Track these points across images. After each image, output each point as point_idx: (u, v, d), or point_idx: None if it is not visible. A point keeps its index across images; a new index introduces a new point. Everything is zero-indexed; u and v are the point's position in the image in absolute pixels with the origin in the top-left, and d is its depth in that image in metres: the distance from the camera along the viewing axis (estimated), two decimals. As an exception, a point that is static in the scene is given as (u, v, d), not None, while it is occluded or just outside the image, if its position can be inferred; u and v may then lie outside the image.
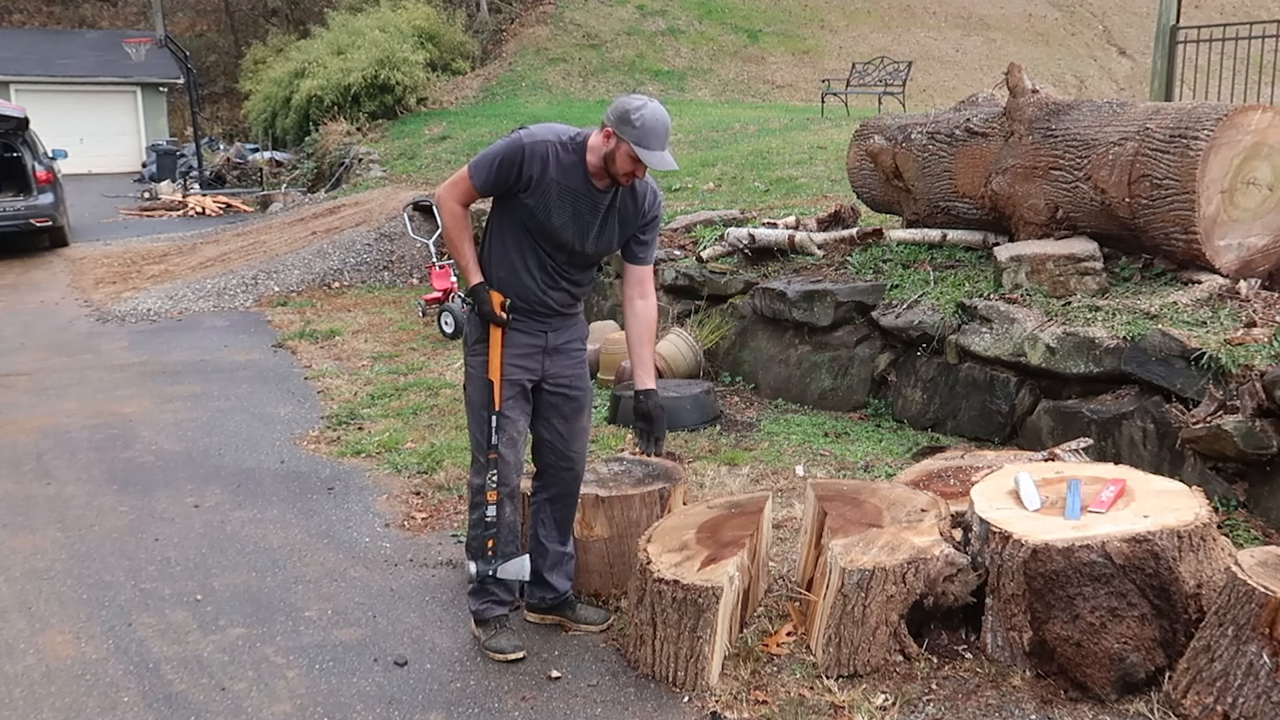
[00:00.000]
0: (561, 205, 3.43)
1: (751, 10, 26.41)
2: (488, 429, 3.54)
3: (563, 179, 3.41)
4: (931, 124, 6.71)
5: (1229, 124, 4.94)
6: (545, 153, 3.39)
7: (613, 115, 3.34)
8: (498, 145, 3.44)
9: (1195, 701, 3.05)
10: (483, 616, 3.68)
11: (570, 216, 3.46)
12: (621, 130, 3.31)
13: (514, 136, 3.42)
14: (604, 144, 3.37)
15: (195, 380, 7.67)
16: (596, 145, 3.40)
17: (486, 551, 3.59)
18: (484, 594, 3.66)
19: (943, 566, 3.38)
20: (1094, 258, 5.51)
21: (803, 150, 11.90)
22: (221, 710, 3.38)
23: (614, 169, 3.38)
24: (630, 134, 3.30)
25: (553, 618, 3.83)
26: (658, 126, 3.32)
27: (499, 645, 3.63)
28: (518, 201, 3.44)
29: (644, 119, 3.31)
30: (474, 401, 3.58)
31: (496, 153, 3.42)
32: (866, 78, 17.72)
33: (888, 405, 6.11)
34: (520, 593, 3.83)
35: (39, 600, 4.18)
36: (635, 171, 3.39)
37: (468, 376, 3.62)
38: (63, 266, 13.20)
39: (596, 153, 3.40)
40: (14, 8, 34.52)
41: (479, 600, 3.68)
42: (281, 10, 33.60)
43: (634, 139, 3.31)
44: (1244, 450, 4.22)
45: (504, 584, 3.64)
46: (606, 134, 3.35)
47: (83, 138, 26.96)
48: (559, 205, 3.43)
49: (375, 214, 13.22)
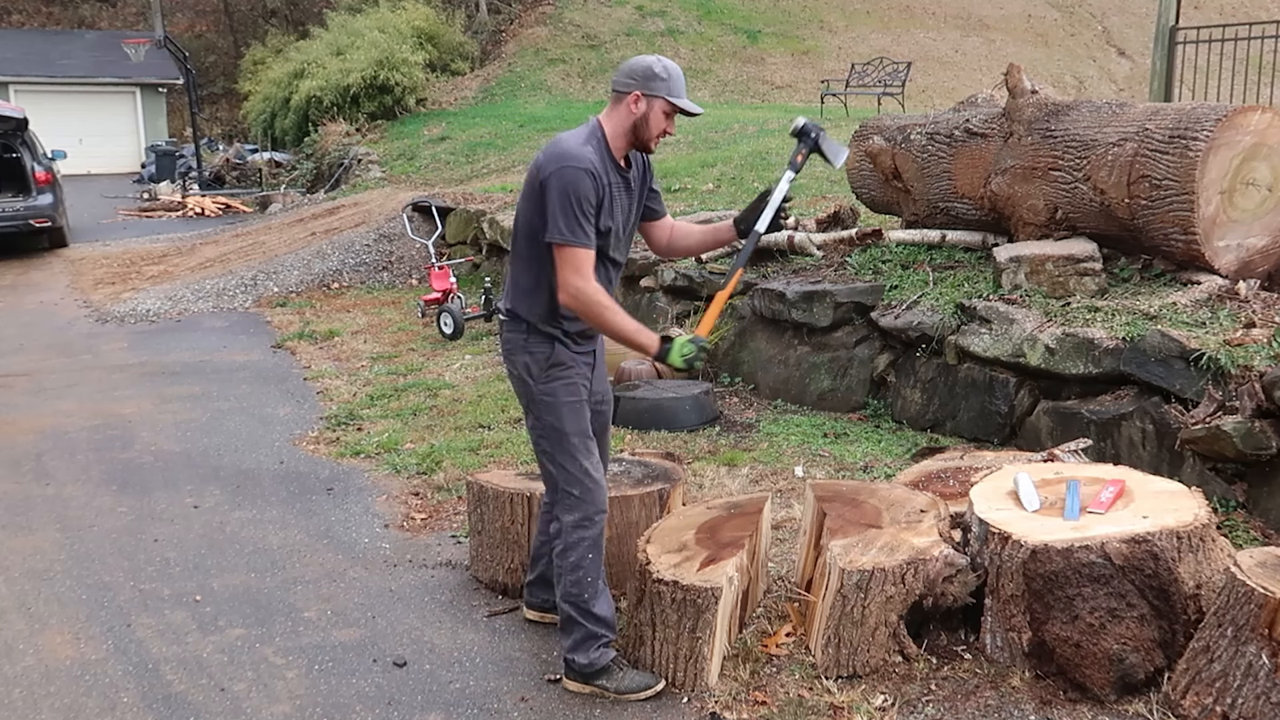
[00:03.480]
0: (613, 206, 3.26)
1: (751, 11, 26.42)
2: (580, 456, 3.30)
3: (610, 178, 3.23)
4: (931, 125, 6.72)
5: (1228, 125, 4.95)
6: (596, 162, 3.18)
7: (635, 77, 3.20)
8: (565, 191, 3.11)
9: (1194, 702, 3.05)
10: (600, 663, 3.34)
11: (621, 212, 3.31)
12: (652, 87, 3.18)
13: (568, 170, 3.12)
14: (631, 112, 3.20)
15: (194, 381, 7.67)
16: (620, 120, 3.23)
17: (589, 591, 3.33)
18: (594, 639, 3.35)
19: (942, 567, 3.38)
20: (1093, 258, 5.51)
21: (802, 151, 11.87)
22: (221, 711, 3.38)
23: (647, 133, 3.23)
24: (662, 87, 3.19)
25: (552, 616, 3.74)
26: (678, 73, 3.25)
27: (638, 683, 3.34)
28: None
29: (668, 69, 3.21)
30: (563, 430, 3.29)
31: (577, 198, 3.11)
32: (866, 78, 17.72)
33: (887, 406, 6.11)
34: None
35: (38, 601, 4.18)
36: (668, 128, 3.26)
37: (543, 408, 3.29)
38: (62, 267, 13.20)
39: (621, 128, 3.23)
40: (13, 8, 34.52)
41: (592, 648, 3.35)
42: (281, 11, 33.59)
43: (667, 91, 3.19)
44: (1243, 451, 4.22)
45: (608, 620, 3.39)
46: (634, 99, 3.19)
47: (82, 138, 26.96)
48: (612, 208, 3.25)
49: (374, 215, 13.22)
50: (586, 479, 3.32)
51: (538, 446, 3.38)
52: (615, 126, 3.25)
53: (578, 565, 3.33)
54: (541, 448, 3.36)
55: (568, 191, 3.11)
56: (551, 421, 3.30)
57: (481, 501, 4.13)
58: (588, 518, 3.33)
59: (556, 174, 3.13)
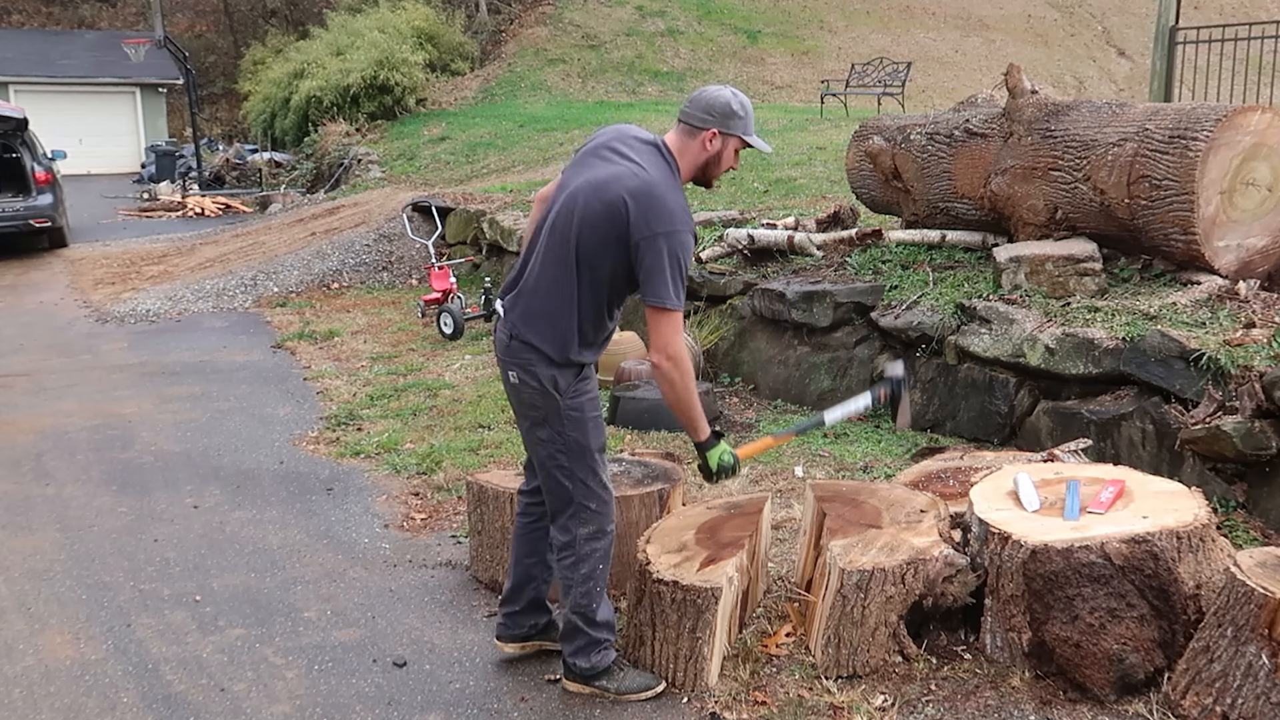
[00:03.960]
0: None
1: (751, 11, 26.42)
2: (600, 470, 3.26)
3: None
4: (931, 125, 6.72)
5: (1228, 125, 4.95)
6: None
7: (714, 114, 3.14)
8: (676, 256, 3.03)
9: (1194, 702, 3.05)
10: (602, 665, 3.34)
11: None
12: (729, 125, 3.15)
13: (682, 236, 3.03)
14: (705, 149, 3.16)
15: (194, 381, 7.67)
16: (693, 155, 3.18)
17: (596, 600, 3.32)
18: (597, 644, 3.34)
19: (942, 567, 3.38)
20: (1093, 258, 5.51)
21: (802, 151, 11.90)
22: (221, 711, 3.38)
23: (717, 170, 3.21)
24: (739, 125, 3.16)
25: (535, 645, 3.61)
26: (750, 109, 3.22)
27: (639, 683, 3.34)
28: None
29: (744, 106, 3.18)
30: (587, 445, 3.21)
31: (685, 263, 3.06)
32: (865, 78, 17.73)
33: (887, 406, 6.10)
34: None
35: (38, 601, 4.18)
36: (735, 165, 3.24)
37: (569, 423, 3.19)
38: (62, 267, 13.19)
39: (694, 163, 3.19)
40: (13, 8, 34.51)
41: (595, 653, 3.34)
42: (280, 11, 33.59)
43: (743, 130, 3.18)
44: (1243, 451, 4.22)
45: (611, 624, 3.40)
46: (710, 136, 3.14)
47: (82, 138, 26.96)
48: None
49: (374, 215, 13.21)
50: (604, 492, 3.27)
51: (553, 461, 3.22)
52: (689, 162, 3.19)
53: (589, 576, 3.28)
54: (558, 462, 3.21)
55: (679, 256, 3.04)
56: (576, 437, 3.20)
57: (481, 501, 4.13)
58: (602, 529, 3.28)
59: (668, 237, 3.02)
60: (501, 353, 3.26)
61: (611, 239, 3.08)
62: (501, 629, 3.61)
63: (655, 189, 3.06)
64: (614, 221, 3.06)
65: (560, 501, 3.28)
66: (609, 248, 3.09)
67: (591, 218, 3.09)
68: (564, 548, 3.31)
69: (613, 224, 3.06)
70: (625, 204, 3.04)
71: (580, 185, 3.15)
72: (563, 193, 3.22)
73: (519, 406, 3.28)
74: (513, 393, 3.27)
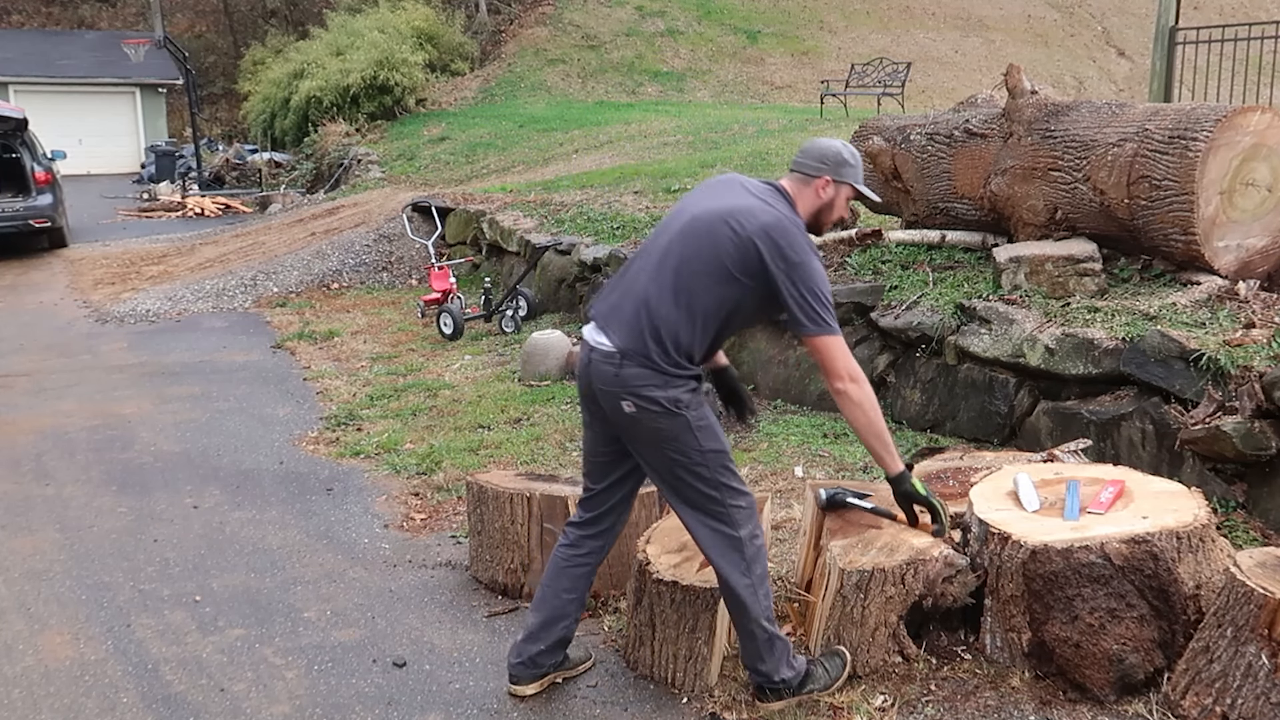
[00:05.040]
0: None
1: (750, 11, 26.44)
2: (735, 468, 3.19)
3: None
4: (930, 125, 6.72)
5: (1228, 125, 4.95)
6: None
7: (827, 162, 3.23)
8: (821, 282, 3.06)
9: (1194, 702, 3.05)
10: (803, 668, 3.25)
11: None
12: (842, 174, 3.23)
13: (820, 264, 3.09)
14: (819, 196, 3.23)
15: (194, 381, 7.67)
16: (809, 202, 3.23)
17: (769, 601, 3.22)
18: (786, 646, 3.24)
19: (941, 568, 3.38)
20: (1093, 259, 5.51)
21: (802, 151, 11.88)
22: (220, 711, 3.38)
23: (829, 217, 3.26)
24: (851, 174, 3.25)
25: (548, 680, 3.46)
26: (860, 159, 3.31)
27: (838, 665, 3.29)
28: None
29: (855, 155, 3.27)
30: (722, 449, 3.14)
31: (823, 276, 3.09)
32: (865, 79, 17.73)
33: (886, 406, 6.11)
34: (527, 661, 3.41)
35: (38, 601, 4.18)
36: (844, 214, 3.32)
37: (703, 435, 3.10)
38: (61, 267, 13.20)
39: (809, 210, 3.24)
40: (13, 9, 34.52)
41: (793, 657, 3.24)
42: (280, 11, 33.60)
43: (855, 178, 3.26)
44: (1243, 451, 4.22)
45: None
46: (823, 184, 3.21)
47: (81, 138, 26.96)
48: None
49: (374, 215, 13.22)
50: (745, 486, 3.20)
51: (693, 475, 3.11)
52: (804, 208, 3.24)
53: (763, 576, 3.18)
54: (699, 475, 3.10)
55: (822, 282, 3.08)
56: (713, 445, 3.11)
57: (481, 502, 4.13)
58: (757, 524, 3.21)
59: (807, 266, 3.05)
60: (607, 384, 3.10)
61: (738, 267, 3.07)
62: (521, 670, 3.39)
63: (786, 221, 3.11)
64: (745, 252, 3.06)
65: (709, 514, 3.15)
66: (732, 275, 3.08)
67: (721, 243, 3.08)
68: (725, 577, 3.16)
69: (744, 255, 3.06)
70: (761, 236, 3.05)
71: (706, 210, 3.16)
72: (681, 217, 3.21)
73: (638, 435, 3.13)
74: (629, 423, 3.11)
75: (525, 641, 3.39)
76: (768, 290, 3.07)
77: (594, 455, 3.33)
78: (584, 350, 3.20)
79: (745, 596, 3.14)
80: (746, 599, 3.14)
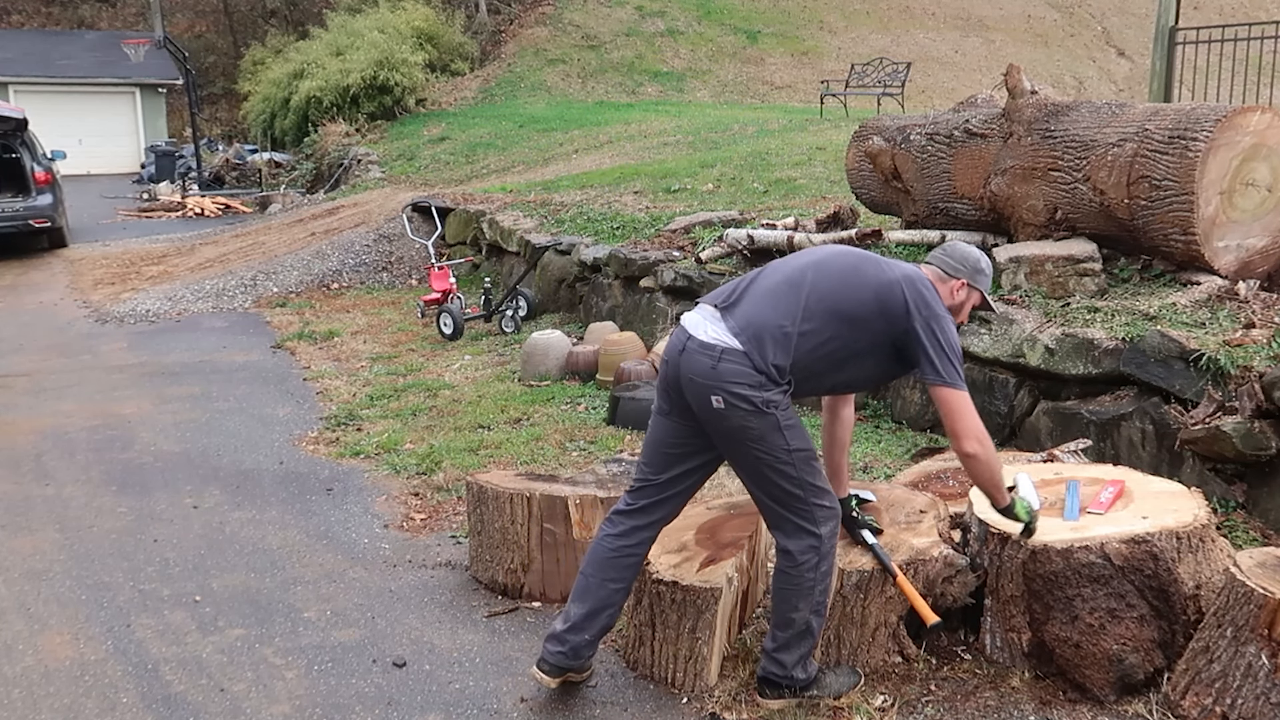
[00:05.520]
0: None
1: (750, 11, 26.44)
2: (821, 469, 3.24)
3: None
4: (930, 125, 6.72)
5: (1228, 125, 4.95)
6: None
7: (966, 265, 3.33)
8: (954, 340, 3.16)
9: (1194, 702, 3.05)
10: (815, 672, 3.30)
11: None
12: (977, 280, 3.34)
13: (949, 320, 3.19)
14: (953, 295, 3.32)
15: (194, 381, 7.67)
16: (944, 297, 3.29)
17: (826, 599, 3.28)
18: (814, 648, 3.31)
19: (941, 568, 3.38)
20: (1093, 259, 5.51)
21: (801, 151, 11.90)
22: (220, 711, 3.38)
23: (956, 319, 3.31)
24: (984, 282, 3.36)
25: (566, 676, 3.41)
26: (992, 274, 3.42)
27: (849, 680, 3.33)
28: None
29: (989, 267, 3.39)
30: (809, 448, 3.17)
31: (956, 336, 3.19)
32: (865, 79, 17.74)
33: (886, 406, 6.11)
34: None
35: (38, 601, 4.18)
36: (965, 320, 3.40)
37: (792, 434, 3.11)
38: (61, 267, 13.19)
39: (944, 301, 3.29)
40: (13, 9, 34.50)
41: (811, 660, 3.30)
42: (280, 11, 33.60)
43: (985, 287, 3.37)
44: (1243, 451, 4.22)
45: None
46: (959, 285, 3.32)
47: (81, 139, 26.93)
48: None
49: (374, 215, 13.22)
50: (830, 486, 3.26)
51: (779, 474, 3.13)
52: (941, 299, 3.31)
53: (828, 573, 3.23)
54: (785, 474, 3.13)
55: (953, 340, 3.15)
56: (800, 444, 3.13)
57: (481, 502, 4.13)
58: (836, 525, 3.24)
59: (941, 320, 3.14)
60: (700, 376, 3.10)
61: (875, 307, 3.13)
62: (560, 658, 3.30)
63: (924, 281, 3.21)
64: (890, 292, 3.13)
65: (791, 510, 3.18)
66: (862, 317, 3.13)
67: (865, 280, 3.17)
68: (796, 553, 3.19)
69: (888, 295, 3.13)
70: (908, 282, 3.15)
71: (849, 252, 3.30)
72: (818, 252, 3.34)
73: (723, 430, 3.13)
74: (715, 418, 3.11)
75: (569, 631, 3.32)
76: (893, 338, 3.14)
77: (663, 445, 3.31)
78: (678, 337, 3.20)
79: (807, 585, 3.18)
80: (807, 588, 3.18)
